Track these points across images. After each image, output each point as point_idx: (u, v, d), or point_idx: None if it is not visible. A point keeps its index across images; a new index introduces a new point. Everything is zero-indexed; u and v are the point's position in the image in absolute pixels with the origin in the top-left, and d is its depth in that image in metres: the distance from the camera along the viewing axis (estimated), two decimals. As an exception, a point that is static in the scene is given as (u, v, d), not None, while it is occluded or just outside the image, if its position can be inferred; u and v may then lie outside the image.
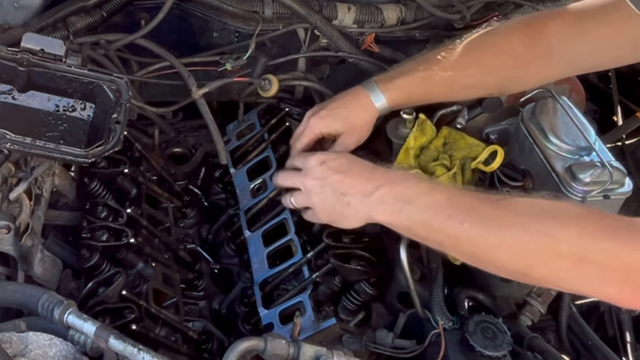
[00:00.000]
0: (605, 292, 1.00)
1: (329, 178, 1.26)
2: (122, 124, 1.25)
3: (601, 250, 0.97)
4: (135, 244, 1.34)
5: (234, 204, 1.63)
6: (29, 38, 1.29)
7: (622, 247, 0.96)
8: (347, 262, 1.34)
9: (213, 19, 1.68)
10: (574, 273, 1.00)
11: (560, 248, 1.00)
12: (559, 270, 1.01)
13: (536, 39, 1.36)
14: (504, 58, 1.40)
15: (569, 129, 1.40)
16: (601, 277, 0.98)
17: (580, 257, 0.98)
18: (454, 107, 1.59)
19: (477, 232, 1.08)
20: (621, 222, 1.00)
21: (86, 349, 1.01)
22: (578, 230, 1.00)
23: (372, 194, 1.20)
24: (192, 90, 1.56)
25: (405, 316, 1.35)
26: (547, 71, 1.41)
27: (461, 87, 1.45)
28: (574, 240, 0.99)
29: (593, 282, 1.00)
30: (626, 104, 2.00)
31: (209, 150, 1.75)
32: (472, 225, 1.08)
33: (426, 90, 1.45)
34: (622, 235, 0.97)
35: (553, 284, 1.09)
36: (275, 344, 1.06)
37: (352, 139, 1.44)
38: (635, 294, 0.98)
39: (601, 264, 0.97)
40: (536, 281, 1.12)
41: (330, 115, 1.43)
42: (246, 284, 1.52)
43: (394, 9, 1.73)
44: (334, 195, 1.25)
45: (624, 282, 0.97)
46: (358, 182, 1.23)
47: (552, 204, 1.10)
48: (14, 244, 1.20)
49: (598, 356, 1.39)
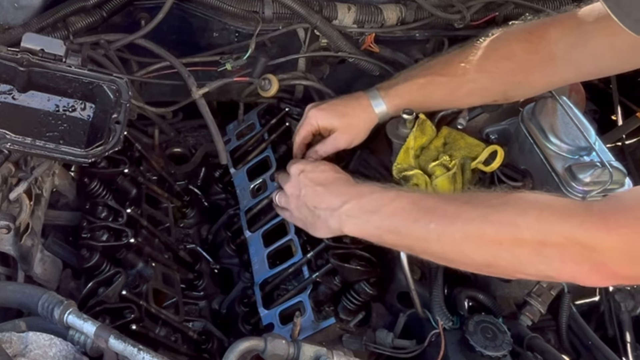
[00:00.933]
0: (566, 271, 1.04)
1: (303, 189, 1.33)
2: (122, 124, 1.25)
3: (558, 232, 1.02)
4: (135, 244, 1.34)
5: (234, 204, 1.63)
6: (29, 38, 1.29)
7: (577, 227, 1.00)
8: (347, 262, 1.34)
9: (213, 19, 1.68)
10: (536, 257, 1.04)
11: (522, 234, 1.04)
12: (522, 255, 1.05)
13: (537, 44, 1.37)
14: (505, 63, 1.40)
15: (569, 129, 1.40)
16: (561, 257, 1.02)
17: (541, 241, 1.03)
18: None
19: (443, 230, 1.12)
20: (577, 205, 1.06)
21: (86, 349, 1.01)
22: (536, 215, 1.04)
23: (340, 208, 1.25)
24: (192, 90, 1.56)
25: (405, 316, 1.35)
26: (549, 77, 1.41)
27: (463, 93, 1.46)
28: (534, 225, 1.03)
29: (554, 263, 1.04)
30: (626, 104, 2.00)
31: (209, 150, 1.75)
32: (437, 224, 1.12)
33: (427, 97, 1.47)
34: (578, 216, 1.01)
35: (518, 271, 1.12)
36: (275, 344, 1.06)
37: (345, 138, 1.47)
38: (593, 272, 1.01)
39: (560, 245, 1.01)
40: (503, 270, 1.14)
41: (329, 110, 1.47)
42: (246, 284, 1.52)
43: (394, 9, 1.73)
44: (305, 206, 1.32)
45: (582, 260, 1.01)
46: (327, 197, 1.29)
47: (512, 194, 1.15)
48: (14, 244, 1.20)
49: (598, 356, 1.39)
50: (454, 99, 1.50)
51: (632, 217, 0.99)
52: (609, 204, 1.05)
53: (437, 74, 1.46)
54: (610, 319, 1.54)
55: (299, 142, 1.49)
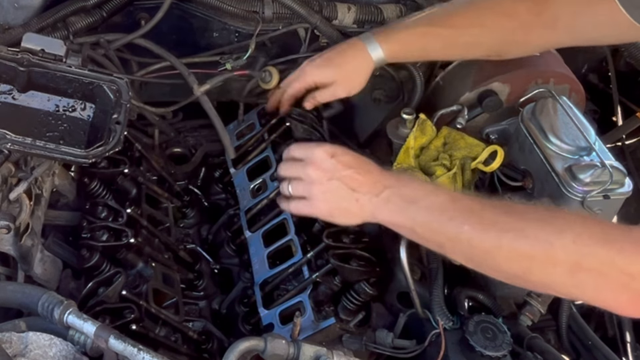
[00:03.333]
0: (601, 299, 1.01)
1: (339, 172, 1.23)
2: (122, 124, 1.25)
3: (595, 257, 0.97)
4: (135, 244, 1.34)
5: (234, 204, 1.63)
6: (30, 38, 1.29)
7: (616, 254, 0.96)
8: (347, 262, 1.34)
9: (213, 19, 1.68)
10: (569, 279, 1.01)
11: (556, 254, 1.00)
12: (555, 275, 1.02)
13: (542, 6, 1.37)
14: (507, 20, 1.40)
15: (569, 129, 1.40)
16: (596, 284, 0.99)
17: (575, 263, 0.99)
18: (454, 107, 1.59)
19: (476, 235, 1.08)
20: (617, 230, 1.01)
21: (86, 349, 1.01)
22: (573, 236, 1.00)
23: (381, 193, 1.20)
24: (194, 87, 1.56)
25: (405, 316, 1.35)
26: (547, 39, 1.42)
27: (459, 46, 1.46)
28: (569, 247, 0.99)
29: (588, 289, 1.00)
30: (626, 104, 2.00)
31: (209, 150, 1.75)
32: (471, 228, 1.08)
33: (424, 46, 1.46)
34: (617, 242, 0.97)
35: (550, 289, 1.10)
36: (275, 344, 1.06)
37: (343, 88, 1.48)
38: (632, 302, 0.98)
39: (595, 271, 0.97)
40: (534, 285, 1.12)
41: (325, 65, 1.47)
42: (246, 284, 1.52)
43: (394, 9, 1.73)
44: (341, 190, 1.23)
45: (619, 289, 0.97)
46: (368, 179, 1.22)
47: (551, 210, 1.12)
48: (14, 244, 1.20)
49: (598, 356, 1.39)
50: (450, 52, 1.50)
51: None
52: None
53: (437, 24, 1.45)
54: (610, 319, 1.54)
55: (290, 94, 1.48)
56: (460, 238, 1.10)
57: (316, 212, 1.29)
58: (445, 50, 1.49)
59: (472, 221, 1.09)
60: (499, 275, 1.14)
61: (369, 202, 1.21)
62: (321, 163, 1.26)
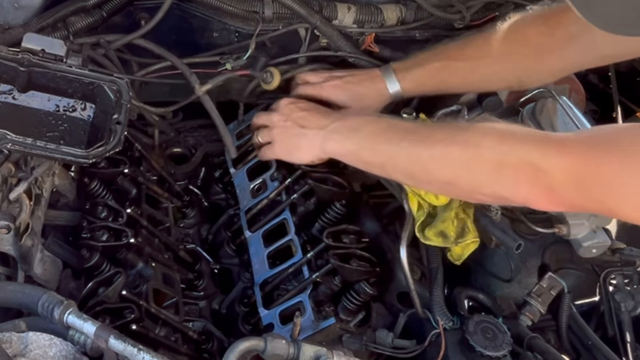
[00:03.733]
0: (519, 192, 1.10)
1: (293, 114, 1.43)
2: (122, 124, 1.25)
3: (516, 153, 1.07)
4: (135, 244, 1.34)
5: (234, 204, 1.63)
6: (30, 38, 1.29)
7: (534, 151, 1.06)
8: (347, 262, 1.34)
9: (213, 19, 1.68)
10: (493, 176, 1.11)
11: (482, 154, 1.11)
12: (481, 174, 1.13)
13: (554, 28, 1.36)
14: (518, 48, 1.40)
15: (569, 129, 1.39)
16: (515, 178, 1.08)
17: (499, 161, 1.09)
18: (454, 107, 1.59)
19: (412, 148, 1.20)
20: (539, 133, 1.11)
21: (86, 349, 1.01)
22: (498, 137, 1.11)
23: (327, 126, 1.35)
24: (195, 87, 1.56)
25: (405, 316, 1.35)
26: (565, 60, 1.40)
27: (477, 78, 1.47)
28: (495, 147, 1.10)
29: (509, 184, 1.10)
30: (626, 104, 2.00)
31: (209, 150, 1.75)
32: (408, 143, 1.21)
33: (442, 81, 1.49)
34: (536, 141, 1.07)
35: (476, 191, 1.17)
36: (275, 344, 1.06)
37: None
38: (544, 195, 1.07)
39: (515, 166, 1.07)
40: (462, 189, 1.20)
41: (343, 89, 1.54)
42: (246, 284, 1.52)
43: (394, 9, 1.73)
44: (293, 128, 1.41)
45: (534, 183, 1.06)
46: (317, 118, 1.39)
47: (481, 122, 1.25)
48: (14, 244, 1.20)
49: (598, 356, 1.39)
50: (468, 84, 1.51)
51: (586, 147, 1.04)
52: (568, 135, 1.09)
53: (453, 58, 1.47)
54: (610, 319, 1.54)
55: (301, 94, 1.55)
56: (399, 154, 1.23)
57: (277, 153, 1.46)
58: (464, 83, 1.50)
59: (409, 138, 1.22)
60: (433, 185, 1.25)
61: (316, 135, 1.36)
62: (282, 109, 1.46)
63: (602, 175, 1.00)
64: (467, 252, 1.37)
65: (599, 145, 1.03)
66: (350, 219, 1.46)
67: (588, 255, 1.40)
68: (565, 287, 1.40)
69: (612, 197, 1.01)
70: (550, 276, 1.39)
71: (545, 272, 1.41)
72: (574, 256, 1.45)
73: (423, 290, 1.37)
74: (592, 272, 1.53)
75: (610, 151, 1.01)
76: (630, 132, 1.05)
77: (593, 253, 1.40)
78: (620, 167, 0.98)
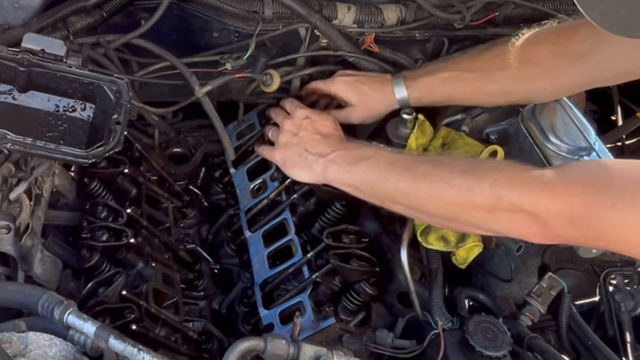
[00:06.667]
0: (515, 231, 1.15)
1: (302, 132, 1.42)
2: (122, 124, 1.25)
3: (507, 199, 1.11)
4: (135, 244, 1.34)
5: (234, 204, 1.63)
6: (30, 38, 1.29)
7: (525, 196, 1.09)
8: (347, 262, 1.34)
9: (213, 19, 1.68)
10: (489, 218, 1.15)
11: (476, 200, 1.15)
12: (477, 217, 1.17)
13: (565, 47, 1.34)
14: (529, 67, 1.39)
15: (569, 129, 1.39)
16: (510, 220, 1.13)
17: (493, 205, 1.13)
18: (459, 115, 1.59)
19: (410, 189, 1.24)
20: (529, 173, 1.13)
21: (86, 349, 1.01)
22: (490, 182, 1.14)
23: (327, 155, 1.36)
24: (195, 88, 1.56)
25: (405, 320, 1.35)
26: (576, 79, 1.38)
27: (486, 93, 1.47)
28: (487, 192, 1.14)
29: (505, 225, 1.14)
30: (626, 104, 2.00)
31: (209, 150, 1.75)
32: (405, 184, 1.24)
33: (450, 93, 1.49)
34: (527, 185, 1.11)
35: (476, 228, 1.23)
36: (275, 344, 1.06)
37: (358, 115, 1.55)
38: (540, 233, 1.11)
39: (509, 211, 1.12)
40: (462, 226, 1.26)
41: (353, 87, 1.55)
42: (246, 284, 1.52)
43: (394, 9, 1.73)
44: (297, 147, 1.41)
45: (529, 224, 1.10)
46: (320, 145, 1.39)
47: (475, 162, 1.31)
48: (14, 244, 1.20)
49: (598, 356, 1.39)
50: (477, 98, 1.51)
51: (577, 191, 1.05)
52: (559, 175, 1.11)
53: (462, 69, 1.47)
54: (610, 319, 1.54)
55: (310, 89, 1.58)
56: (398, 194, 1.25)
57: (275, 159, 1.47)
58: (472, 96, 1.50)
59: (406, 178, 1.24)
60: (433, 220, 1.29)
61: (315, 162, 1.37)
62: (296, 119, 1.45)
63: (595, 219, 1.03)
64: (472, 255, 1.37)
65: (589, 188, 1.05)
66: (350, 219, 1.46)
67: (588, 255, 1.40)
68: (565, 287, 1.40)
69: (605, 236, 1.04)
70: (550, 276, 1.40)
71: (545, 272, 1.41)
72: (574, 256, 1.45)
73: (423, 290, 1.37)
74: (592, 272, 1.53)
75: (602, 194, 1.02)
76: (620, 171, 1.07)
77: (593, 253, 1.40)
78: (613, 211, 1.00)
